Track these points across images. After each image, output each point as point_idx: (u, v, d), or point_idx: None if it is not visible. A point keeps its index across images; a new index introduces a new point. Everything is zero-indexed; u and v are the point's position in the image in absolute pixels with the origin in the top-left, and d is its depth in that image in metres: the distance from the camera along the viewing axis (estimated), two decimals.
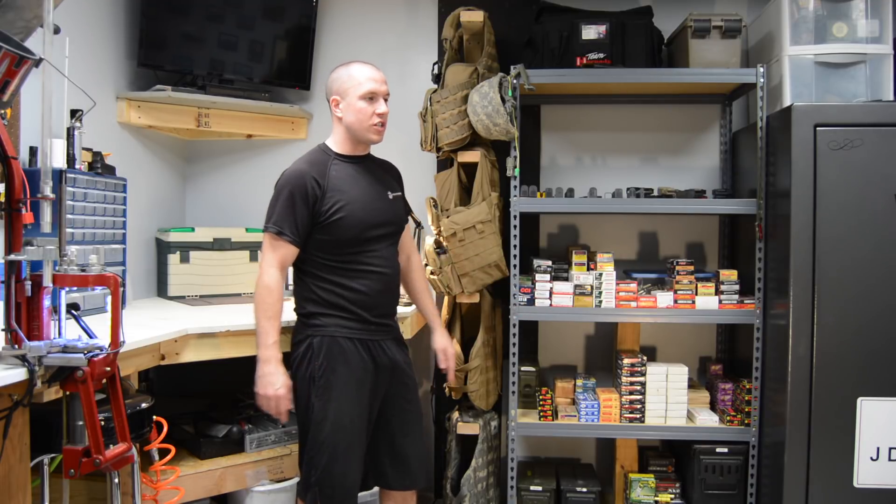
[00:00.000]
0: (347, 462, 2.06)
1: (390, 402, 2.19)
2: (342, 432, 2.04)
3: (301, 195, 2.02)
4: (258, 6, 3.08)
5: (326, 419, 2.04)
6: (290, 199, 2.02)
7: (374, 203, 2.12)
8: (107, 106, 2.76)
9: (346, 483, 2.06)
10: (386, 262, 2.15)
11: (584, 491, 2.83)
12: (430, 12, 3.25)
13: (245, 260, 3.11)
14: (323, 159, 2.11)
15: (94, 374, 1.49)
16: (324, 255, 2.08)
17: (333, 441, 2.04)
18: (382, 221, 2.13)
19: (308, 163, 2.09)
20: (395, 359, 2.19)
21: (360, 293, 2.09)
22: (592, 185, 2.95)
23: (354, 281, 2.09)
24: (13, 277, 1.47)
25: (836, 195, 2.37)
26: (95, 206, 2.41)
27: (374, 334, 2.13)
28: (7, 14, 1.53)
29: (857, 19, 2.55)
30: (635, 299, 2.73)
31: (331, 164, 2.10)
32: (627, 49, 2.78)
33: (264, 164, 3.35)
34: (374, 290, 2.11)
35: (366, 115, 2.08)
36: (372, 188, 2.14)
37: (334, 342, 2.07)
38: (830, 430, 2.38)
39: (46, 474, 1.78)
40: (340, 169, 2.11)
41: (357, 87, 2.07)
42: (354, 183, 2.11)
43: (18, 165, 1.49)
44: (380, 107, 2.09)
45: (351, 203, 2.06)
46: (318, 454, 2.05)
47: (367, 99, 2.07)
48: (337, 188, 2.06)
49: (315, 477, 2.06)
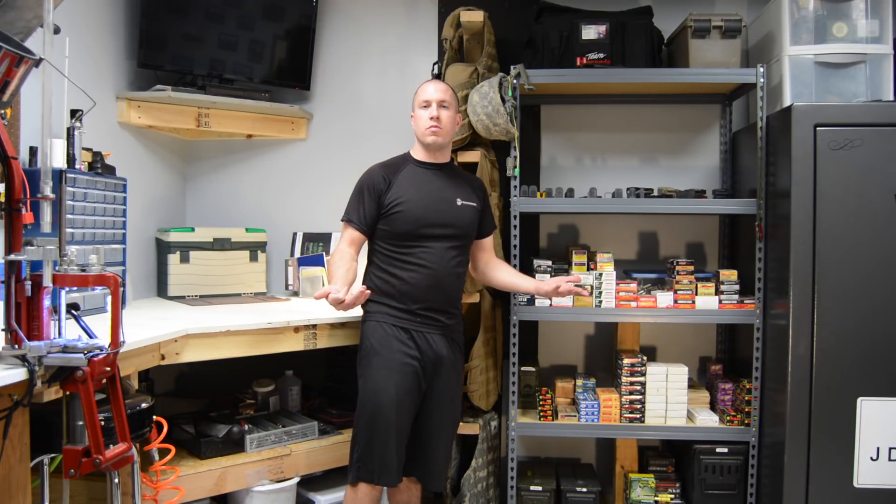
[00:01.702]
0: (387, 441, 2.18)
1: (433, 397, 2.31)
2: (381, 412, 2.19)
3: (369, 189, 2.29)
4: (258, 6, 3.08)
5: (369, 400, 2.21)
6: (360, 192, 2.30)
7: (436, 204, 2.29)
8: (107, 106, 2.76)
9: (383, 459, 2.19)
10: (438, 261, 2.27)
11: (584, 491, 2.83)
12: (430, 12, 3.25)
13: (245, 260, 3.11)
14: (399, 162, 2.36)
15: (94, 374, 1.49)
16: (383, 245, 2.30)
17: (373, 421, 2.19)
18: (441, 222, 2.28)
19: (384, 164, 2.36)
20: (442, 353, 2.30)
21: (408, 284, 2.25)
22: (592, 185, 2.95)
23: (404, 272, 2.26)
24: (13, 277, 1.47)
25: (836, 195, 2.37)
26: (95, 206, 2.41)
27: (419, 325, 2.27)
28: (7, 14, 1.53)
29: (857, 19, 2.55)
30: (635, 299, 2.73)
31: (406, 166, 2.34)
32: (627, 49, 2.78)
33: (264, 164, 3.35)
34: (422, 284, 2.25)
35: (422, 121, 2.31)
36: (439, 192, 2.32)
37: (380, 327, 2.26)
38: (830, 430, 2.38)
39: (46, 474, 1.78)
40: (413, 171, 2.33)
41: (418, 97, 2.34)
42: (422, 184, 2.31)
43: (18, 165, 1.49)
44: (431, 111, 2.30)
45: (411, 200, 2.27)
46: (360, 432, 2.23)
47: (423, 107, 2.31)
48: (402, 186, 2.29)
49: (357, 454, 2.23)
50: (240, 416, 2.69)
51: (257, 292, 3.14)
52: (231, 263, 3.08)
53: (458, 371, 2.38)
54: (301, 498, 2.62)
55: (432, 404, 2.31)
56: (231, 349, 2.33)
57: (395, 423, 2.19)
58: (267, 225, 3.23)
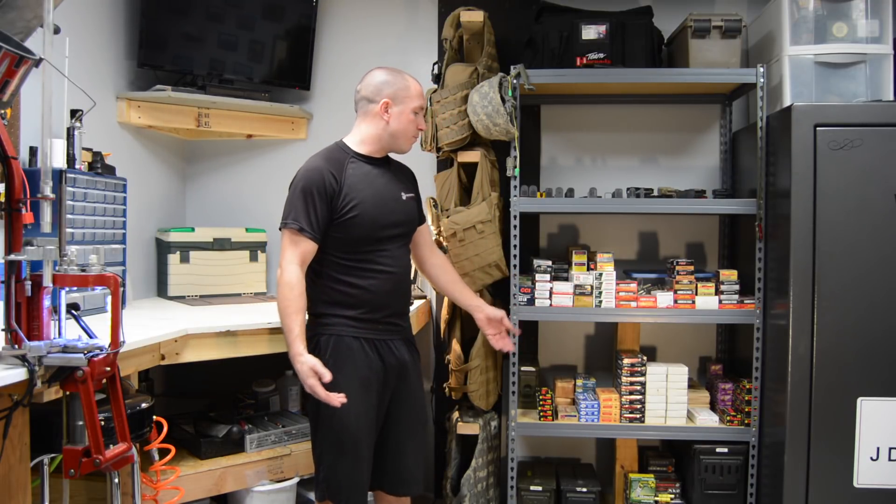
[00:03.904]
0: (354, 459, 2.07)
1: (398, 403, 2.19)
2: (347, 430, 2.05)
3: (319, 191, 2.04)
4: (258, 6, 3.08)
5: (333, 417, 2.04)
6: (309, 195, 2.04)
7: (387, 203, 2.14)
8: (107, 106, 2.76)
9: (353, 479, 2.08)
10: (396, 262, 2.17)
11: (584, 491, 2.83)
12: (430, 12, 3.25)
13: (245, 260, 3.11)
14: (340, 157, 2.13)
15: (94, 374, 1.49)
16: (337, 254, 2.10)
17: (339, 438, 2.06)
18: (395, 222, 2.16)
19: (325, 159, 2.12)
20: (404, 359, 2.19)
21: (370, 292, 2.10)
22: (592, 185, 2.95)
23: (365, 280, 2.10)
24: (13, 277, 1.47)
25: (836, 195, 2.37)
26: (95, 206, 2.41)
27: (382, 334, 2.14)
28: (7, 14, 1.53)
29: (857, 19, 2.55)
30: (635, 299, 2.73)
31: (348, 161, 2.13)
32: (627, 49, 2.78)
33: (264, 164, 3.35)
34: (384, 290, 2.12)
35: (413, 127, 2.17)
36: (386, 189, 2.16)
37: (341, 341, 2.09)
38: (830, 430, 2.38)
39: (46, 474, 1.78)
40: (357, 168, 2.13)
41: (413, 99, 2.16)
42: (370, 182, 2.13)
43: (18, 165, 1.49)
44: (422, 122, 2.20)
45: (365, 202, 2.08)
46: (325, 451, 2.09)
47: (416, 112, 2.17)
48: (353, 186, 2.08)
49: (323, 473, 2.10)
50: (240, 416, 2.68)
51: (257, 292, 3.14)
52: (231, 263, 3.08)
53: (419, 373, 2.28)
54: (301, 498, 2.62)
55: (400, 411, 2.19)
56: (231, 349, 2.33)
57: (364, 443, 2.08)
58: (267, 225, 3.22)
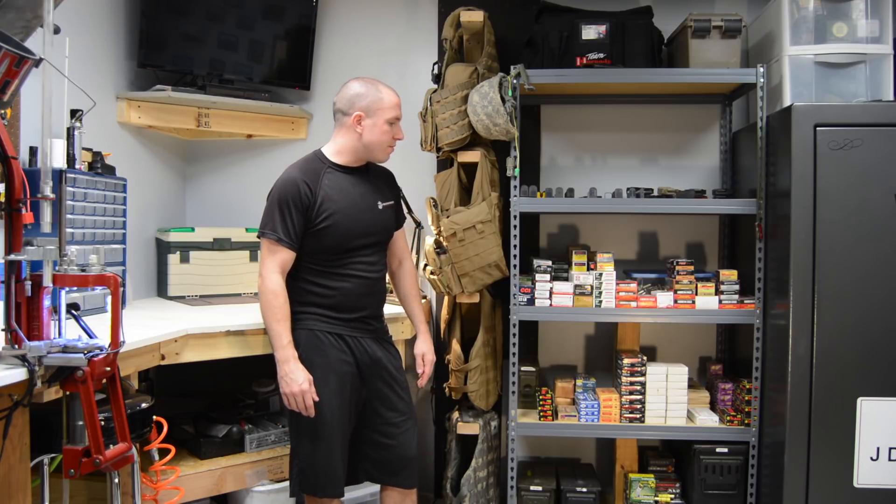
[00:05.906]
0: (328, 450, 2.12)
1: (377, 399, 2.23)
2: (321, 421, 2.10)
3: (294, 201, 2.09)
4: (258, 6, 3.08)
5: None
6: (285, 205, 2.09)
7: (362, 214, 2.18)
8: (107, 106, 2.76)
9: (328, 471, 2.12)
10: (370, 268, 2.21)
11: (584, 491, 2.83)
12: (430, 12, 3.25)
13: (245, 260, 3.11)
14: (316, 167, 2.17)
15: (94, 374, 1.49)
16: (310, 260, 2.16)
17: (313, 430, 2.11)
18: (368, 232, 2.20)
19: (301, 170, 2.15)
20: (377, 356, 2.23)
21: (342, 293, 2.16)
22: (592, 185, 2.95)
23: (336, 283, 2.16)
24: (13, 277, 1.48)
25: (836, 195, 2.37)
26: (95, 206, 2.41)
27: (353, 330, 2.19)
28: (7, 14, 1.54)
29: (857, 19, 2.55)
30: (635, 299, 2.73)
31: (324, 172, 2.16)
32: (627, 49, 2.78)
33: (264, 164, 3.35)
34: (355, 293, 2.18)
35: (388, 138, 2.18)
36: (362, 199, 2.20)
37: (313, 335, 2.15)
38: (830, 430, 2.38)
39: (46, 474, 1.78)
40: (333, 178, 2.17)
41: (387, 111, 2.16)
42: (345, 193, 2.17)
43: (18, 165, 1.49)
44: (399, 132, 2.20)
45: (338, 213, 2.13)
46: (300, 443, 2.16)
47: (391, 123, 2.18)
48: (328, 197, 2.13)
49: (298, 465, 2.16)
50: (240, 416, 2.68)
51: (257, 292, 3.13)
52: (231, 263, 3.08)
53: (397, 367, 2.28)
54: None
55: (379, 407, 2.23)
56: (231, 349, 2.33)
57: (339, 434, 2.13)
58: None
